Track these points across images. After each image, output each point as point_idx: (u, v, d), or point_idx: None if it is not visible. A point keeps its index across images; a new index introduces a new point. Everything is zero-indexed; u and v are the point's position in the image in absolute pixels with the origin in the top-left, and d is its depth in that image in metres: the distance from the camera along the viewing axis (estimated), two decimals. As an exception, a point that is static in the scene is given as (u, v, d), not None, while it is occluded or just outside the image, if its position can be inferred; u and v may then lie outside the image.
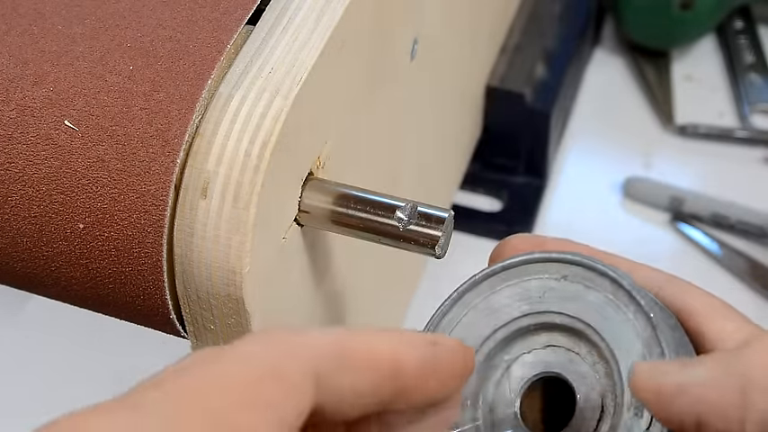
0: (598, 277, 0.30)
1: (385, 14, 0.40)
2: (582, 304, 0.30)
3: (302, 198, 0.35)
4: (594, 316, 0.30)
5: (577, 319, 0.30)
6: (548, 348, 0.31)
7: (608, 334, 0.29)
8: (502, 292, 0.31)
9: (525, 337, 0.31)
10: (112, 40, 0.34)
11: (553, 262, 0.30)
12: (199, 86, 0.33)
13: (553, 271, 0.30)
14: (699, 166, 0.71)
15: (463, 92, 0.60)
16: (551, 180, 0.70)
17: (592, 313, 0.30)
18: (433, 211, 0.35)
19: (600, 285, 0.30)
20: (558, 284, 0.30)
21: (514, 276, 0.31)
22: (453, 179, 0.64)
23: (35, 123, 0.33)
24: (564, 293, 0.30)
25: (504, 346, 0.31)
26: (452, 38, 0.52)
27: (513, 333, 0.31)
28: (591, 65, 0.77)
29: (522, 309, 0.31)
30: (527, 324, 0.31)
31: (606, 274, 0.29)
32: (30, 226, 0.34)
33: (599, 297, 0.30)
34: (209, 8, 0.35)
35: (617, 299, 0.29)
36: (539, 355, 0.31)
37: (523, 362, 0.31)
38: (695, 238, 0.66)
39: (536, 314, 0.31)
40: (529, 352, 0.31)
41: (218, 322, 0.34)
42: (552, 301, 0.30)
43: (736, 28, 0.77)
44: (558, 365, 0.31)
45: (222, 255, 0.32)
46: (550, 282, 0.30)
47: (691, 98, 0.74)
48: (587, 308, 0.30)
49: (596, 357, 0.30)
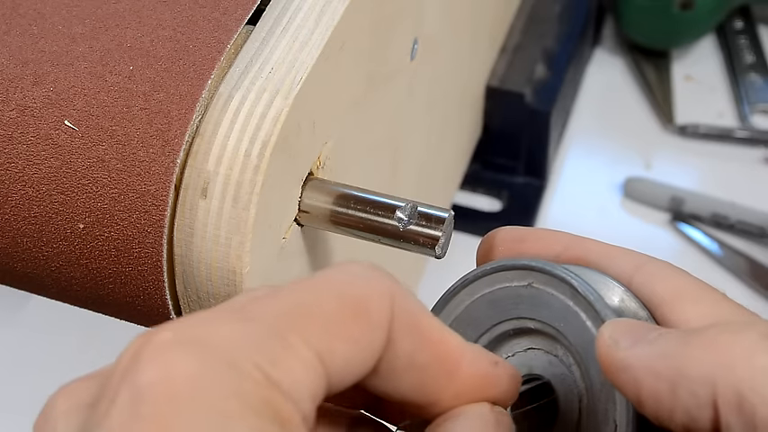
0: (558, 283, 0.30)
1: (385, 14, 0.40)
2: (548, 310, 0.30)
3: (302, 198, 0.35)
4: (561, 322, 0.30)
5: (548, 324, 0.30)
6: (529, 351, 0.31)
7: (574, 339, 0.30)
8: (479, 300, 0.31)
9: (507, 342, 0.32)
10: (112, 40, 0.34)
11: (519, 269, 0.31)
12: (199, 86, 0.33)
13: (521, 278, 0.31)
14: (699, 166, 0.71)
15: (463, 92, 0.60)
16: (551, 180, 0.70)
17: (558, 319, 0.30)
18: (433, 211, 0.35)
19: (562, 291, 0.30)
20: (526, 291, 0.31)
21: (487, 285, 0.31)
22: (453, 179, 0.64)
23: (35, 123, 0.33)
24: (533, 300, 0.31)
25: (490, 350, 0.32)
26: (452, 38, 0.52)
27: (496, 338, 0.32)
28: (591, 65, 0.77)
29: (499, 315, 0.31)
30: (506, 329, 0.31)
31: (564, 280, 0.29)
32: (30, 226, 0.34)
33: (561, 303, 0.30)
34: (210, 8, 0.35)
35: (576, 304, 0.29)
36: (521, 359, 0.32)
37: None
38: (695, 238, 0.66)
39: (512, 320, 0.31)
40: (512, 355, 0.32)
41: (218, 322, 0.34)
42: (524, 307, 0.31)
43: (736, 28, 0.77)
44: (540, 368, 0.31)
45: (222, 255, 0.32)
46: (519, 289, 0.31)
47: (691, 98, 0.74)
48: (553, 314, 0.30)
49: (572, 359, 0.30)
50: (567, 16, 0.70)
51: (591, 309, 0.29)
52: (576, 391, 0.30)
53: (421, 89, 0.48)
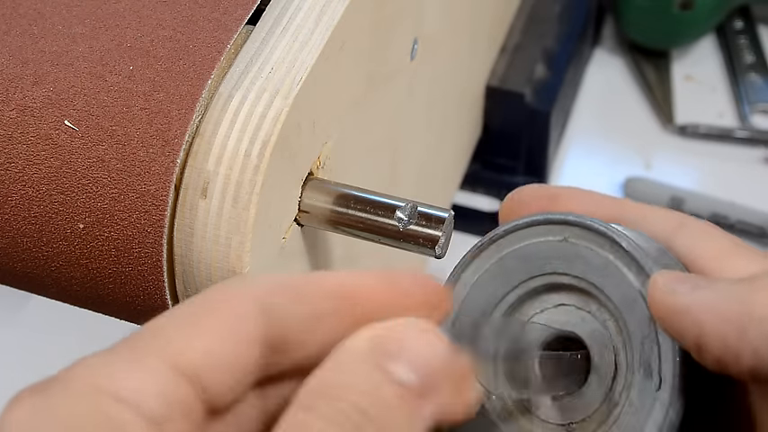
0: (598, 237, 0.29)
1: (385, 14, 0.40)
2: (585, 265, 0.30)
3: (302, 198, 0.35)
4: (598, 276, 0.30)
5: (583, 279, 0.30)
6: (559, 308, 0.31)
7: (613, 294, 0.29)
8: (509, 255, 0.31)
9: (536, 298, 0.31)
10: (112, 40, 0.34)
11: (555, 224, 0.30)
12: (199, 86, 0.33)
13: (556, 232, 0.30)
14: (699, 166, 0.71)
15: (463, 92, 0.60)
16: (551, 180, 0.70)
17: (596, 274, 0.30)
18: (433, 211, 0.35)
19: (601, 245, 0.29)
20: (561, 246, 0.30)
21: (519, 240, 0.31)
22: (453, 179, 0.64)
23: (35, 123, 0.33)
24: (568, 255, 0.30)
25: (517, 307, 0.31)
26: (452, 38, 0.52)
27: (524, 295, 0.31)
28: (591, 65, 0.77)
29: (530, 271, 0.31)
30: (536, 285, 0.31)
31: (605, 235, 0.29)
32: (30, 226, 0.34)
33: (600, 257, 0.29)
34: (209, 8, 0.35)
35: (617, 259, 0.29)
36: (551, 315, 0.31)
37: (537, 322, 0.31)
38: (695, 238, 0.66)
39: (544, 275, 0.31)
40: (542, 312, 0.31)
41: (218, 322, 0.34)
42: (557, 262, 0.30)
43: (736, 28, 0.77)
44: (570, 324, 0.31)
45: (222, 255, 0.32)
46: (554, 243, 0.30)
47: (691, 98, 0.74)
48: (591, 269, 0.30)
49: (606, 315, 0.30)
50: (567, 16, 0.70)
51: (634, 262, 0.29)
52: (611, 347, 0.30)
53: (421, 89, 0.48)
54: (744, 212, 0.66)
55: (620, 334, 0.29)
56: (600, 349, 0.30)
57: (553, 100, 0.65)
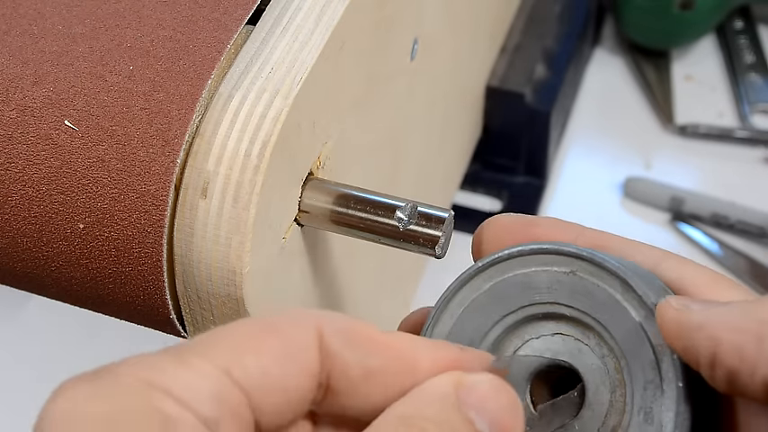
0: (608, 276, 0.29)
1: (385, 14, 0.40)
2: (591, 301, 0.30)
3: (302, 198, 0.35)
4: (604, 314, 0.30)
5: (587, 314, 0.30)
6: (556, 336, 0.31)
7: (618, 334, 0.29)
8: (510, 279, 0.31)
9: (534, 324, 0.31)
10: (112, 40, 0.34)
11: (563, 255, 0.30)
12: (199, 86, 0.33)
13: (562, 263, 0.30)
14: (699, 166, 0.71)
15: (463, 92, 0.60)
16: (551, 180, 0.70)
17: (601, 311, 0.30)
18: (433, 211, 0.35)
19: (609, 284, 0.29)
20: (566, 278, 0.30)
21: (522, 265, 0.31)
22: (453, 179, 0.64)
23: (35, 123, 0.33)
24: (573, 288, 0.30)
25: (513, 331, 0.31)
26: (452, 38, 0.52)
27: (522, 320, 0.31)
28: (591, 65, 0.77)
29: (530, 298, 0.31)
30: (535, 312, 0.31)
31: (616, 275, 0.29)
32: (30, 226, 0.34)
33: (608, 296, 0.29)
34: (209, 8, 0.35)
35: (626, 300, 0.29)
36: (547, 342, 0.31)
37: (532, 347, 0.31)
38: (695, 238, 0.66)
39: (545, 304, 0.31)
40: (537, 338, 0.31)
41: (218, 322, 0.34)
42: (561, 293, 0.30)
43: (736, 28, 0.77)
44: (567, 354, 0.30)
45: (222, 255, 0.32)
46: (559, 275, 0.30)
47: (691, 98, 0.74)
48: (596, 305, 0.30)
49: (606, 351, 0.30)
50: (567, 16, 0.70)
51: (644, 306, 0.29)
52: (609, 383, 0.30)
53: (421, 89, 0.48)
54: (744, 212, 0.66)
55: (619, 373, 0.29)
56: (596, 385, 0.30)
57: (553, 100, 0.65)
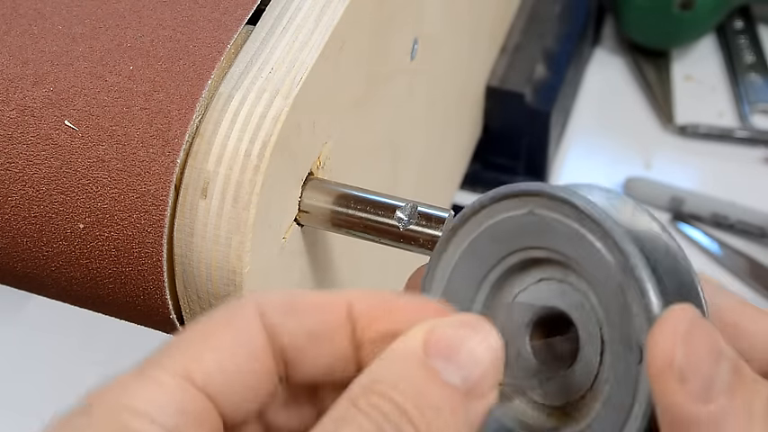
0: (561, 206, 0.28)
1: (385, 14, 0.40)
2: (555, 236, 0.28)
3: (302, 198, 0.35)
4: (569, 246, 0.28)
5: (556, 251, 0.29)
6: (540, 283, 0.30)
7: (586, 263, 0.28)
8: (480, 235, 0.30)
9: (517, 276, 0.30)
10: (112, 40, 0.34)
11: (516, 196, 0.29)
12: (199, 86, 0.33)
13: (519, 205, 0.29)
14: (699, 166, 0.71)
15: (463, 92, 0.60)
16: (551, 180, 0.70)
17: (566, 244, 0.28)
18: (433, 211, 0.35)
19: (565, 214, 0.28)
20: (528, 219, 0.29)
21: (486, 218, 0.30)
22: (453, 179, 0.64)
23: (35, 123, 0.33)
24: (536, 227, 0.29)
25: (500, 288, 0.31)
26: (452, 38, 0.52)
27: (505, 273, 0.30)
28: (591, 65, 0.77)
29: (505, 248, 0.30)
30: (514, 262, 0.30)
31: (567, 201, 0.28)
32: (30, 226, 0.34)
33: (567, 227, 0.28)
34: (210, 8, 0.35)
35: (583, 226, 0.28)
36: (533, 291, 0.30)
37: (521, 299, 0.30)
38: (695, 238, 0.66)
39: (519, 251, 0.30)
40: (525, 289, 0.30)
41: (218, 322, 0.34)
42: (529, 236, 0.29)
43: (736, 28, 0.77)
44: (555, 299, 0.29)
45: (222, 255, 0.32)
46: (521, 218, 0.29)
47: (691, 98, 0.74)
48: (560, 239, 0.28)
49: (585, 286, 0.29)
50: (567, 16, 0.70)
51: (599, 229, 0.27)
52: (596, 319, 0.28)
53: (421, 89, 0.48)
54: (744, 212, 0.66)
55: (601, 305, 0.28)
56: (585, 324, 0.29)
57: (553, 100, 0.65)
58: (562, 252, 0.29)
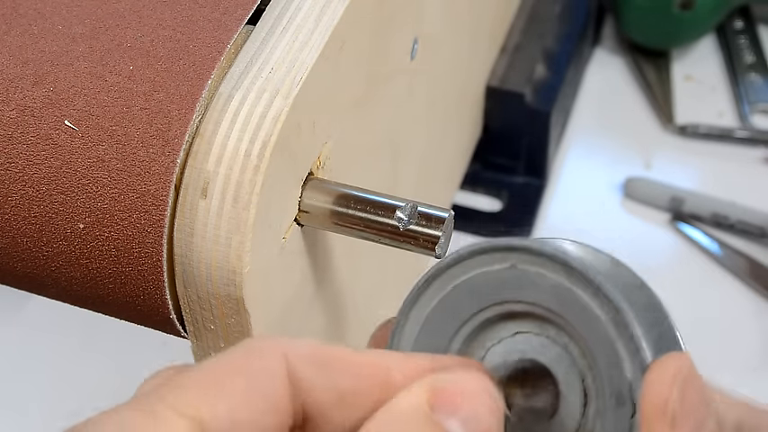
0: (547, 261, 0.28)
1: (385, 14, 0.40)
2: (537, 291, 0.28)
3: (302, 198, 0.35)
4: (552, 301, 0.28)
5: (537, 305, 0.29)
6: (517, 336, 0.30)
7: (571, 317, 0.28)
8: (456, 288, 0.30)
9: (491, 329, 0.30)
10: (112, 40, 0.34)
11: (499, 251, 0.29)
12: (199, 86, 0.33)
13: (500, 259, 0.29)
14: (699, 166, 0.71)
15: (463, 92, 0.60)
16: (551, 180, 0.70)
17: (550, 298, 0.28)
18: (433, 211, 0.35)
19: (550, 269, 0.28)
20: (509, 273, 0.29)
21: (463, 272, 0.29)
22: (453, 179, 0.64)
23: (35, 123, 0.33)
24: (517, 281, 0.29)
25: (473, 341, 0.30)
26: (452, 38, 0.53)
27: (479, 327, 0.30)
28: (591, 65, 0.77)
29: (480, 302, 0.29)
30: (489, 316, 0.30)
31: (554, 258, 0.28)
32: (30, 226, 0.34)
33: (552, 281, 0.28)
34: (210, 8, 0.35)
35: (572, 283, 0.28)
36: (509, 345, 0.30)
37: (496, 354, 0.30)
38: (695, 238, 0.66)
39: (495, 306, 0.29)
40: (498, 342, 0.30)
41: (218, 322, 0.34)
42: (507, 290, 0.29)
43: (736, 28, 0.77)
44: (532, 351, 0.29)
45: (222, 255, 0.32)
46: (501, 272, 0.29)
47: (691, 98, 0.74)
48: (543, 293, 0.28)
49: (566, 338, 0.29)
50: (567, 16, 0.70)
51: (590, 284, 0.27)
52: (577, 371, 0.28)
53: (421, 89, 0.48)
54: (744, 212, 0.66)
55: (585, 357, 0.28)
56: (565, 374, 0.29)
57: (553, 100, 0.65)
58: (544, 306, 0.28)
